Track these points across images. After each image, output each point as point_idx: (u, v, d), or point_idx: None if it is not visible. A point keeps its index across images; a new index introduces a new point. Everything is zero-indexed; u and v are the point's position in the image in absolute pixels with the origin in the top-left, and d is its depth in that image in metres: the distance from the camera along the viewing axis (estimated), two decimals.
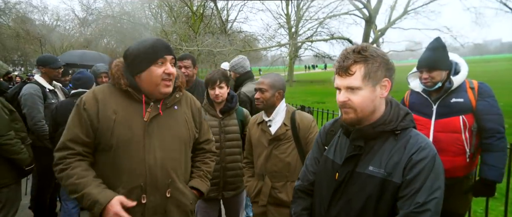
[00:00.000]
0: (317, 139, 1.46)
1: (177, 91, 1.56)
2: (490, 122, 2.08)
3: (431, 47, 2.15)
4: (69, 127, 1.43)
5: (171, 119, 1.51)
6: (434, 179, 1.10)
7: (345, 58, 1.16)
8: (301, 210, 1.42)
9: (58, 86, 3.48)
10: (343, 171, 1.23)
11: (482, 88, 2.15)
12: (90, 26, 35.73)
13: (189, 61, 3.03)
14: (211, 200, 2.44)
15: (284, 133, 2.07)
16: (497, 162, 2.09)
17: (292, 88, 21.16)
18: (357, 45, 1.18)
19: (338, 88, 1.20)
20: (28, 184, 4.05)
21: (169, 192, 1.46)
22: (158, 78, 1.41)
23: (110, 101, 1.43)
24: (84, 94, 1.49)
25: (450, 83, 2.12)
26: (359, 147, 1.20)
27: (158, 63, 1.40)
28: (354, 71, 1.14)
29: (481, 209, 3.39)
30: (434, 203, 1.08)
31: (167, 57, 1.42)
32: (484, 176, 2.11)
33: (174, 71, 1.45)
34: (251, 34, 30.72)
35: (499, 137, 2.08)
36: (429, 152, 1.12)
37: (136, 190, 1.40)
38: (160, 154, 1.44)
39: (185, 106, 1.61)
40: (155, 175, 1.42)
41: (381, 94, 1.18)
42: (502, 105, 2.05)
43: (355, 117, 1.18)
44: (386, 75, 1.16)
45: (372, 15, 18.45)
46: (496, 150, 2.08)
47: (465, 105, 2.10)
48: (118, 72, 1.45)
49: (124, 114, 1.42)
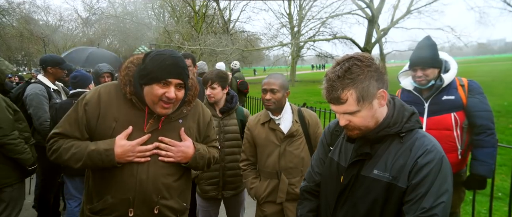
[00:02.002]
0: (322, 140, 1.44)
1: (185, 106, 1.49)
2: (481, 119, 2.12)
3: (423, 46, 2.18)
4: (63, 121, 1.41)
5: (171, 134, 1.44)
6: (441, 182, 1.07)
7: (332, 88, 1.09)
8: (307, 212, 1.41)
9: (60, 85, 3.50)
10: (348, 174, 1.20)
11: (472, 85, 2.19)
12: (93, 26, 35.82)
13: (189, 60, 3.04)
14: (211, 199, 2.45)
15: (297, 129, 2.13)
16: (488, 158, 2.14)
17: (294, 88, 21.10)
18: (339, 65, 1.09)
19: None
20: (32, 183, 4.07)
21: (157, 209, 1.41)
22: (155, 98, 1.33)
23: (113, 106, 1.39)
24: (90, 92, 1.45)
25: (441, 80, 2.16)
26: (366, 153, 1.16)
27: (161, 83, 1.32)
28: (346, 98, 1.08)
29: (484, 210, 3.36)
30: (441, 208, 1.05)
31: (172, 81, 1.33)
32: (475, 171, 2.16)
33: (174, 96, 1.35)
34: (253, 33, 30.75)
35: (490, 133, 2.13)
36: (436, 154, 1.09)
37: (125, 202, 1.37)
38: (153, 169, 1.38)
39: (191, 121, 1.53)
40: (144, 190, 1.37)
41: (380, 105, 1.13)
42: (507, 104, 2.03)
43: (360, 133, 1.16)
44: (379, 87, 1.10)
45: (375, 15, 18.38)
46: (487, 146, 2.13)
47: (456, 102, 2.15)
48: (126, 78, 1.40)
49: (124, 123, 1.37)
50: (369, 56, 1.12)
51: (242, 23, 40.03)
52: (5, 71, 2.72)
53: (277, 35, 26.98)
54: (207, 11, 28.41)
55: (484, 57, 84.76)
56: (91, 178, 1.44)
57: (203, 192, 2.43)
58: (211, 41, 19.15)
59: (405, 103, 1.22)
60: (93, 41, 34.45)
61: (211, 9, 29.01)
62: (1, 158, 2.37)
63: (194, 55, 3.45)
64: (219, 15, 29.13)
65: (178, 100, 1.38)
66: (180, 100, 1.41)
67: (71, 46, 34.97)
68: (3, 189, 2.41)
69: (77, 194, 2.94)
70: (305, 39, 26.71)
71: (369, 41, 19.06)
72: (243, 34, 29.47)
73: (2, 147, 2.34)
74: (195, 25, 26.10)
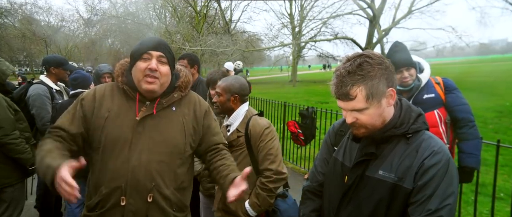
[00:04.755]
0: (326, 139, 1.42)
1: (177, 91, 1.49)
2: (461, 112, 2.26)
3: (399, 49, 2.28)
4: (61, 117, 1.44)
5: (164, 120, 1.44)
6: (448, 184, 1.06)
7: (341, 83, 1.07)
8: (310, 211, 1.39)
9: (62, 86, 3.51)
10: (353, 174, 1.19)
11: (447, 83, 2.34)
12: (95, 26, 35.97)
13: (185, 60, 3.03)
14: (212, 196, 2.45)
15: (236, 139, 1.98)
16: (474, 149, 2.24)
17: (295, 88, 21.10)
18: (349, 62, 1.08)
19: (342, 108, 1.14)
20: (33, 184, 4.08)
21: (150, 197, 1.37)
22: (140, 73, 1.36)
23: (107, 99, 1.43)
24: (83, 93, 1.51)
25: (419, 80, 2.28)
26: (371, 153, 1.15)
27: (142, 58, 1.37)
28: (355, 94, 1.07)
29: (487, 210, 3.35)
30: (447, 210, 1.04)
31: (153, 53, 1.37)
32: (465, 164, 2.25)
33: (155, 67, 1.36)
34: (254, 34, 30.78)
35: (472, 126, 2.25)
36: (443, 156, 1.08)
37: (117, 190, 1.35)
38: (146, 156, 1.37)
39: (185, 108, 1.51)
40: (137, 177, 1.35)
41: (388, 104, 1.12)
42: (508, 104, 2.05)
43: (366, 132, 1.14)
44: (389, 85, 1.08)
45: (376, 15, 18.37)
46: (472, 138, 2.24)
47: (437, 100, 2.28)
48: (119, 70, 1.46)
49: (117, 113, 1.40)
50: (380, 55, 1.11)
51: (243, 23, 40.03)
52: (5, 71, 2.73)
53: (278, 36, 27.03)
54: (208, 12, 28.47)
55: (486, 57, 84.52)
56: (91, 172, 1.44)
57: (205, 189, 2.45)
58: (212, 41, 19.18)
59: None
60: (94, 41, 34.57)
61: (212, 9, 29.07)
62: (2, 158, 2.37)
63: (194, 55, 3.43)
64: (220, 16, 29.18)
65: (162, 74, 1.38)
66: (165, 76, 1.40)
67: (72, 46, 35.11)
68: (4, 189, 2.41)
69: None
70: (306, 40, 26.72)
71: (370, 41, 19.05)
72: (244, 35, 29.50)
73: (3, 147, 2.34)
74: (196, 26, 26.16)
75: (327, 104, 11.53)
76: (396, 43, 2.33)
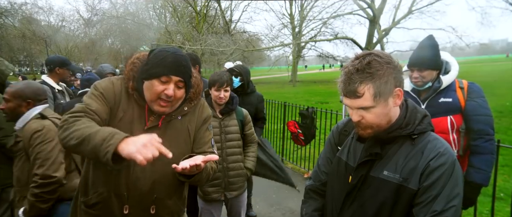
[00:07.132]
0: (330, 139, 1.41)
1: (187, 103, 1.44)
2: (479, 123, 2.02)
3: (424, 46, 2.08)
4: (90, 103, 1.30)
5: (170, 131, 1.40)
6: (453, 186, 1.06)
7: (350, 80, 1.07)
8: (312, 211, 1.38)
9: (64, 86, 3.51)
10: (357, 174, 1.19)
11: (471, 88, 2.09)
12: (95, 26, 36.00)
13: None
14: (214, 200, 2.45)
15: (15, 145, 1.92)
16: (485, 165, 2.02)
17: (295, 88, 21.10)
18: (358, 59, 1.08)
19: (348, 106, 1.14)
20: None
21: (153, 209, 1.37)
22: (154, 95, 1.29)
23: (124, 99, 1.38)
24: (101, 81, 1.41)
25: (439, 82, 2.08)
26: (376, 153, 1.15)
27: (160, 79, 1.28)
28: (362, 92, 1.06)
29: (487, 210, 3.35)
30: (452, 211, 1.04)
31: (173, 78, 1.29)
32: (471, 179, 2.04)
33: (172, 93, 1.30)
34: (254, 34, 30.79)
35: (488, 139, 2.02)
36: (448, 158, 1.07)
37: (120, 198, 1.34)
38: (150, 167, 1.30)
39: (192, 115, 1.48)
40: (139, 187, 1.34)
41: (395, 104, 1.11)
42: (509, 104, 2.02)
43: (372, 132, 1.14)
44: (396, 85, 1.08)
45: (376, 15, 18.39)
46: (484, 153, 2.02)
47: (454, 105, 2.06)
48: (130, 73, 1.39)
49: (129, 117, 1.36)
50: (388, 54, 1.11)
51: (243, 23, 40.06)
52: (5, 71, 2.73)
53: (278, 36, 27.04)
54: (209, 12, 28.48)
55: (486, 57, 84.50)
56: (89, 167, 1.40)
57: (205, 194, 2.43)
58: (212, 41, 19.19)
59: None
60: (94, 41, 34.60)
61: (213, 9, 29.08)
62: (3, 158, 2.37)
63: (195, 55, 3.45)
64: (220, 16, 29.19)
65: (177, 99, 1.34)
66: (179, 100, 1.36)
67: (72, 46, 35.13)
68: (5, 190, 2.41)
69: None
70: (307, 40, 26.73)
71: (370, 41, 19.07)
72: (244, 35, 29.52)
73: (3, 148, 2.34)
74: (196, 26, 26.17)
75: (327, 104, 11.54)
76: (425, 39, 2.11)
